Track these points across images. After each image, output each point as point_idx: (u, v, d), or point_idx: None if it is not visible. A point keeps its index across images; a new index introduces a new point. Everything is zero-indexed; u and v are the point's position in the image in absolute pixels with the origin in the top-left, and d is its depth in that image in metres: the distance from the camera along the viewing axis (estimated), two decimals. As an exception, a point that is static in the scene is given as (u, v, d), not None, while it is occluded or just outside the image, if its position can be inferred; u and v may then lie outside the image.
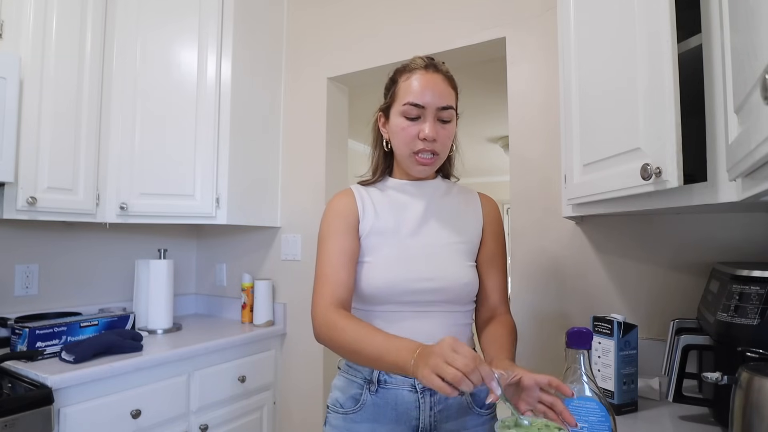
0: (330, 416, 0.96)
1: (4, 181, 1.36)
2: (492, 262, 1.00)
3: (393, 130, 0.95)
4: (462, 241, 0.97)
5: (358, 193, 1.01)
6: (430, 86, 0.91)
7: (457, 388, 0.63)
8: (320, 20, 2.02)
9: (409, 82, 0.93)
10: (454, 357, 0.64)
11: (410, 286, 0.91)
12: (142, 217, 1.75)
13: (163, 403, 1.53)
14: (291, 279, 2.02)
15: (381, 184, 1.04)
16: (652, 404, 1.03)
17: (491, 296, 0.99)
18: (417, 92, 0.91)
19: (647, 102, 0.78)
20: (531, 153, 1.49)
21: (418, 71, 0.93)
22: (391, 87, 0.98)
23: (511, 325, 0.95)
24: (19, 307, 1.72)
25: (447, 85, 0.94)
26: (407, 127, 0.92)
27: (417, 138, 0.91)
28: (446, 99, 0.92)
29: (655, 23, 0.75)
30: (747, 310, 0.79)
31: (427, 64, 0.94)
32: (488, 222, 1.02)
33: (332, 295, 0.88)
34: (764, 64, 0.47)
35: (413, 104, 0.91)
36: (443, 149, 0.95)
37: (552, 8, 1.40)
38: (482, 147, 4.60)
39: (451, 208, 1.01)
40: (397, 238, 0.95)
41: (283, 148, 2.10)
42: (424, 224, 0.97)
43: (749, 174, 0.58)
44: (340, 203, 0.99)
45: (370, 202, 0.99)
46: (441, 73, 0.94)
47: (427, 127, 0.90)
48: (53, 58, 1.51)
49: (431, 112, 0.91)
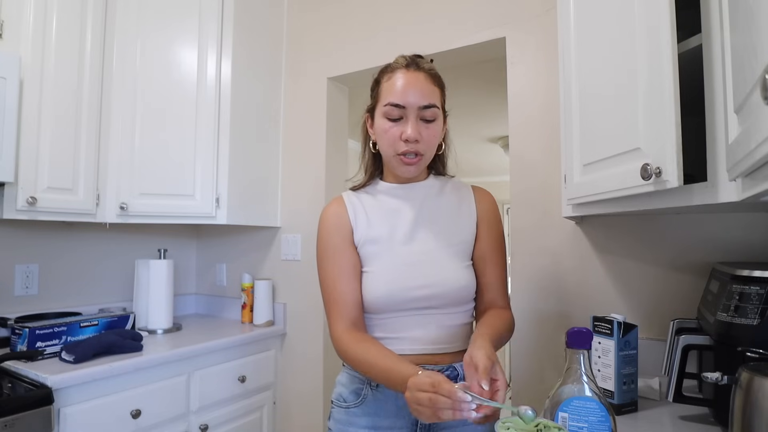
0: (334, 410, 0.97)
1: (4, 181, 1.36)
2: (488, 256, 0.98)
3: (377, 132, 0.95)
4: (457, 242, 0.97)
5: (350, 201, 1.00)
6: (411, 85, 0.90)
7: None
8: (320, 20, 2.02)
9: (390, 82, 0.92)
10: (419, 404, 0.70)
11: (408, 295, 0.91)
12: (142, 217, 1.75)
13: (163, 403, 1.53)
14: (291, 279, 2.02)
15: (372, 188, 1.03)
16: (652, 404, 1.03)
17: (489, 291, 0.97)
18: (398, 92, 0.90)
19: (647, 102, 0.78)
20: (531, 153, 1.49)
21: (399, 70, 0.92)
22: (375, 88, 0.97)
23: (505, 315, 0.93)
24: (19, 307, 1.72)
25: (430, 83, 0.92)
26: (389, 129, 0.91)
27: (400, 139, 0.90)
28: (428, 97, 0.90)
29: (655, 23, 0.75)
30: (747, 310, 0.79)
31: (409, 63, 0.93)
32: (482, 216, 1.00)
33: (345, 318, 0.92)
34: (764, 64, 0.47)
35: (394, 105, 0.90)
36: (428, 149, 0.93)
37: (552, 8, 1.40)
38: (482, 147, 4.60)
39: (444, 208, 0.99)
40: (391, 246, 0.95)
41: (283, 148, 2.10)
42: (418, 229, 0.96)
43: (749, 174, 0.58)
44: (332, 216, 0.99)
45: (362, 210, 0.99)
46: (423, 71, 0.92)
47: (409, 128, 0.89)
48: (53, 58, 1.51)
49: (413, 112, 0.90)
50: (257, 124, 1.98)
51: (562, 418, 0.65)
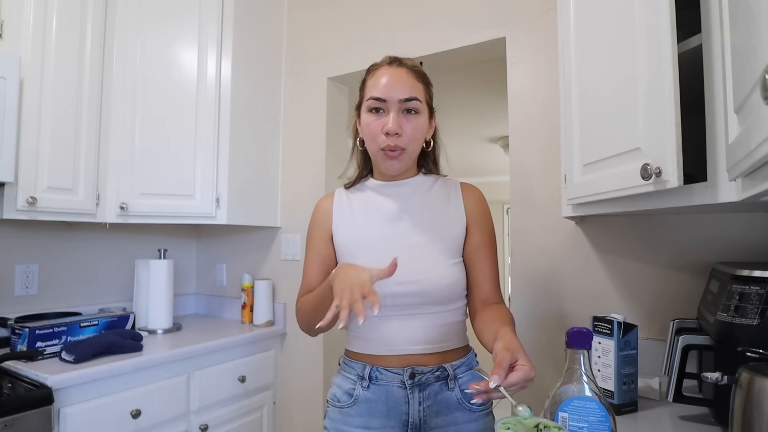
0: (329, 410, 0.99)
1: (4, 181, 1.36)
2: (478, 252, 0.97)
3: (362, 127, 0.97)
4: (443, 239, 0.96)
5: (339, 198, 1.04)
6: (393, 80, 0.92)
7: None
8: (320, 20, 2.02)
9: (374, 78, 0.95)
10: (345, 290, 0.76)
11: (390, 291, 0.90)
12: (142, 217, 1.75)
13: (163, 403, 1.53)
14: (291, 279, 2.02)
15: (362, 185, 1.05)
16: (652, 404, 1.03)
17: (481, 287, 0.97)
18: (379, 86, 0.92)
19: (647, 102, 0.78)
20: (531, 153, 1.49)
21: (382, 67, 0.95)
22: (361, 86, 0.99)
23: (505, 310, 0.92)
24: (19, 307, 1.72)
25: (412, 77, 0.94)
26: (371, 123, 0.93)
27: (381, 132, 0.91)
28: (410, 91, 0.92)
29: (655, 23, 0.75)
30: (747, 310, 0.79)
31: (392, 60, 0.96)
32: (471, 213, 1.00)
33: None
34: (764, 64, 0.47)
35: (375, 98, 0.92)
36: (410, 143, 0.93)
37: (552, 8, 1.40)
38: (482, 147, 4.60)
39: (432, 205, 0.99)
40: (372, 242, 0.96)
41: (283, 148, 2.10)
42: (403, 226, 0.97)
43: (749, 174, 0.58)
44: (318, 211, 1.06)
45: (348, 207, 1.02)
46: (405, 67, 0.95)
47: (390, 120, 0.90)
48: (53, 58, 1.51)
49: (394, 105, 0.91)
50: (257, 124, 1.98)
51: (562, 418, 0.65)
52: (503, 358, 0.67)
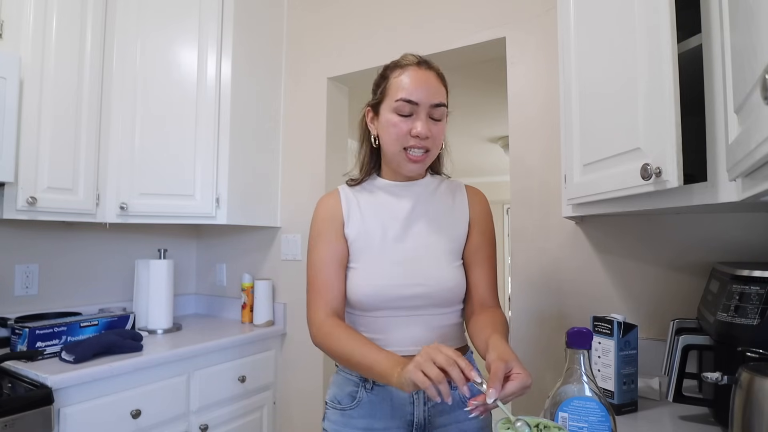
0: (328, 412, 0.97)
1: (4, 181, 1.36)
2: (477, 255, 0.98)
3: (383, 126, 0.94)
4: (449, 240, 0.97)
5: (345, 195, 1.01)
6: (423, 83, 0.91)
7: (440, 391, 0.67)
8: (320, 20, 2.02)
9: (401, 78, 0.92)
10: (436, 353, 0.69)
11: (396, 293, 0.91)
12: (142, 217, 1.75)
13: (163, 403, 1.53)
14: (291, 279, 2.02)
15: (369, 183, 1.03)
16: (652, 404, 1.03)
17: (477, 289, 0.97)
18: (410, 88, 0.90)
19: (647, 102, 0.78)
20: (531, 153, 1.49)
21: (410, 67, 0.93)
22: (381, 83, 0.97)
23: (499, 315, 0.92)
24: (19, 307, 1.72)
25: (439, 82, 0.94)
26: (399, 123, 0.91)
27: (409, 135, 0.91)
28: (439, 96, 0.92)
29: (655, 23, 0.75)
30: (747, 310, 0.79)
31: (420, 61, 0.94)
32: (474, 215, 1.01)
33: (327, 306, 0.92)
34: (764, 64, 0.47)
35: (406, 100, 0.90)
36: (435, 146, 0.94)
37: (552, 8, 1.40)
38: (482, 147, 4.60)
39: (438, 206, 1.00)
40: (382, 243, 0.95)
41: (283, 148, 2.10)
42: (411, 228, 0.96)
43: (749, 174, 0.58)
44: (326, 206, 1.00)
45: (357, 205, 0.99)
46: (433, 71, 0.94)
47: (420, 124, 0.90)
48: (53, 58, 1.51)
49: (424, 109, 0.90)
50: (257, 124, 1.98)
51: (562, 418, 0.65)
52: (498, 369, 0.67)
